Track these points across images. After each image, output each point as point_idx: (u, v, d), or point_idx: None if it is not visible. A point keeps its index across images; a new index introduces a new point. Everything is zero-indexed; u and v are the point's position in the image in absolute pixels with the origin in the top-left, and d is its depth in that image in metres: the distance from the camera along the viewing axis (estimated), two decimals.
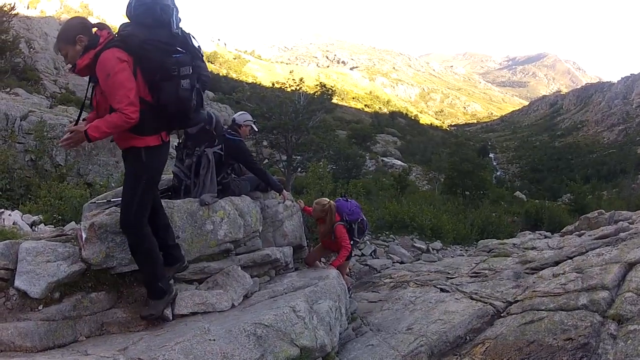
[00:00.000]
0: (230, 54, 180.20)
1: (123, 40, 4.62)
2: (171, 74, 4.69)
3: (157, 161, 5.01)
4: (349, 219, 8.23)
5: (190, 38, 4.94)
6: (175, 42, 4.77)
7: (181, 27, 4.95)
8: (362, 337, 6.65)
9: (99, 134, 4.50)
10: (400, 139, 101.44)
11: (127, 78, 4.51)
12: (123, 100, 4.44)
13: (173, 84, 4.71)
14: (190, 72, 4.81)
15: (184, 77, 4.75)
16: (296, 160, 30.90)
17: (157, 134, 4.91)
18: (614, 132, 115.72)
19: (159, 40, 4.67)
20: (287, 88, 33.67)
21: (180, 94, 4.74)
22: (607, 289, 6.22)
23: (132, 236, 4.93)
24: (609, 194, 54.66)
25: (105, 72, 4.46)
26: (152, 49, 4.63)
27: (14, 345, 4.29)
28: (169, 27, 4.75)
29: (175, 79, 4.71)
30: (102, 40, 4.59)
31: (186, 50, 4.83)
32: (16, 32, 32.73)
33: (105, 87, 4.51)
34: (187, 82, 4.78)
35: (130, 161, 4.97)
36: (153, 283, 5.09)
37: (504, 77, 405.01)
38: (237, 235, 6.56)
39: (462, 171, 33.61)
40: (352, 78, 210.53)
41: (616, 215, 14.08)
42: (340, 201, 8.48)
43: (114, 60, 4.46)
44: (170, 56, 4.68)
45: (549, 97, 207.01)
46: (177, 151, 7.18)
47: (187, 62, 4.79)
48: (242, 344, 4.46)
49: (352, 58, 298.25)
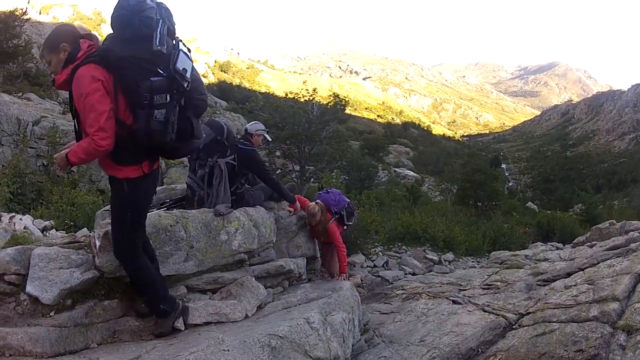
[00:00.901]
0: (243, 63, 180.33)
1: (101, 56, 4.22)
2: (143, 102, 4.22)
3: (142, 194, 4.73)
4: (337, 209, 8.34)
5: (178, 57, 4.38)
6: (156, 60, 4.28)
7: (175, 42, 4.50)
8: (375, 349, 6.65)
9: (77, 159, 4.30)
10: (412, 149, 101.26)
11: (99, 100, 4.12)
12: (93, 124, 4.11)
13: (144, 114, 4.25)
14: (167, 100, 4.28)
15: (158, 106, 4.25)
16: (309, 171, 30.93)
17: (138, 164, 4.54)
18: (625, 141, 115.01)
19: (138, 57, 4.24)
20: (300, 98, 33.76)
21: (151, 126, 4.26)
22: (618, 300, 6.22)
23: (128, 267, 4.85)
24: (619, 203, 54.32)
25: (79, 91, 4.14)
26: (128, 66, 4.21)
27: (24, 350, 4.30)
28: (150, 42, 4.25)
29: (147, 109, 4.24)
30: (81, 54, 4.25)
31: (168, 73, 4.31)
32: (28, 37, 32.80)
33: (79, 107, 4.20)
34: (161, 113, 4.27)
35: (115, 191, 4.71)
36: (156, 306, 5.05)
37: (516, 87, 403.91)
38: (252, 245, 6.59)
39: (474, 182, 33.50)
40: (364, 88, 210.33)
41: (627, 225, 14.04)
42: (322, 195, 8.57)
43: (88, 79, 4.11)
44: (148, 78, 4.20)
45: (561, 107, 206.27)
46: (189, 162, 7.20)
47: (164, 88, 4.26)
48: (257, 355, 4.45)
49: (364, 68, 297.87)
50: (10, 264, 4.74)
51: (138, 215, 4.75)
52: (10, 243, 6.77)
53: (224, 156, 6.89)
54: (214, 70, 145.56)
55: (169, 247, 5.59)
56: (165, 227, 5.60)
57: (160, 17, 4.36)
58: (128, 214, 4.64)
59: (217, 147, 6.84)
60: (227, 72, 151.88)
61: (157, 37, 4.26)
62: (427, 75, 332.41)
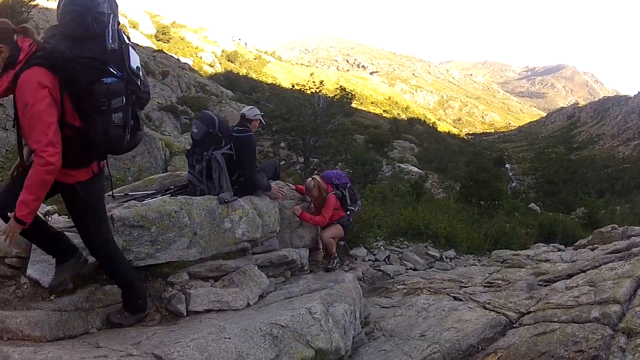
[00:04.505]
0: (250, 53, 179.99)
1: (48, 58, 3.85)
2: (100, 107, 3.96)
3: (96, 192, 4.55)
4: (339, 182, 8.41)
5: (129, 54, 4.17)
6: (109, 59, 4.02)
7: (122, 37, 4.19)
8: (375, 342, 6.64)
9: (29, 209, 3.87)
10: (417, 145, 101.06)
11: (46, 110, 3.77)
12: (41, 139, 3.75)
13: (103, 119, 4.01)
14: (123, 102, 4.10)
15: (115, 110, 4.05)
16: (313, 163, 30.92)
17: (88, 166, 4.32)
18: (630, 147, 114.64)
19: (89, 57, 3.93)
20: (307, 90, 33.75)
21: (110, 132, 4.07)
22: (619, 302, 6.21)
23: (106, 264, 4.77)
24: (622, 209, 54.23)
25: (23, 101, 3.77)
26: (79, 68, 3.89)
27: (22, 334, 4.28)
28: (102, 40, 3.98)
29: (106, 114, 4.01)
30: (23, 56, 3.84)
31: (122, 72, 4.10)
32: (35, 23, 32.75)
33: (23, 119, 3.83)
34: (119, 117, 4.09)
35: (68, 198, 4.45)
36: (133, 299, 4.94)
37: (523, 88, 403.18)
38: (255, 234, 6.62)
39: (478, 181, 33.42)
40: (371, 83, 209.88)
41: (629, 230, 14.01)
42: (325, 172, 8.77)
43: (34, 86, 3.74)
44: (101, 81, 3.92)
45: (567, 109, 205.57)
46: (187, 158, 7.21)
47: (121, 90, 4.06)
48: (258, 344, 4.47)
49: (372, 63, 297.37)
50: (11, 246, 4.65)
51: (99, 212, 4.58)
52: None
53: (220, 147, 6.88)
54: (221, 60, 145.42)
55: (173, 233, 5.61)
56: (169, 213, 5.61)
57: (111, 10, 4.09)
58: (89, 214, 4.47)
59: (211, 140, 6.84)
60: (234, 62, 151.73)
61: (109, 34, 4.02)
62: (435, 72, 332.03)
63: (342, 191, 8.42)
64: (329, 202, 8.12)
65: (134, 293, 4.94)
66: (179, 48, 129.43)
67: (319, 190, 8.09)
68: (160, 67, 63.63)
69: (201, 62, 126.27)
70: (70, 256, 4.68)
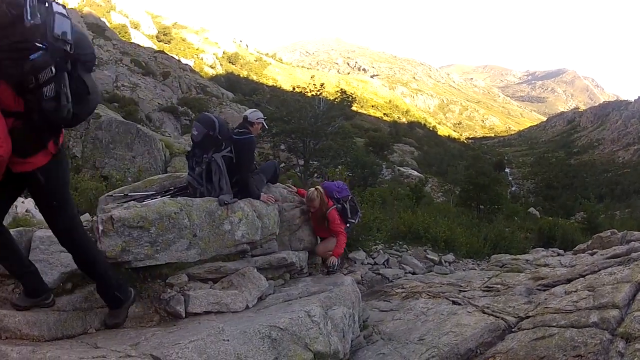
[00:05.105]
0: (251, 55, 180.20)
1: None
2: (28, 86, 3.77)
3: (60, 176, 4.34)
4: (339, 196, 8.33)
5: (54, 22, 3.80)
6: (31, 36, 3.67)
7: (48, 5, 3.83)
8: (373, 346, 6.65)
9: None
10: (417, 149, 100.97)
11: None
12: None
13: (34, 98, 3.83)
14: (53, 73, 3.81)
15: (45, 83, 3.81)
16: (313, 166, 30.95)
17: (44, 148, 4.11)
18: (629, 152, 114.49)
19: (11, 42, 3.64)
20: (307, 93, 33.78)
21: (43, 106, 3.86)
22: (618, 307, 6.22)
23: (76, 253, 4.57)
24: (621, 214, 54.20)
25: None
26: (4, 57, 3.64)
27: (21, 333, 4.26)
28: (20, 21, 3.63)
29: (36, 91, 3.81)
30: None
31: (47, 43, 3.74)
32: None
33: None
34: (50, 89, 3.85)
35: (32, 191, 4.33)
36: (110, 294, 4.82)
37: (523, 92, 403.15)
38: (255, 237, 6.61)
39: (477, 185, 33.39)
40: (372, 86, 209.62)
41: (628, 235, 14.00)
42: (325, 183, 8.66)
43: None
44: (27, 59, 3.64)
45: (567, 114, 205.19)
46: (187, 160, 7.19)
47: (48, 61, 3.75)
48: (257, 346, 4.47)
49: (373, 66, 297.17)
50: None
51: (64, 199, 4.40)
52: (12, 225, 6.79)
53: (220, 150, 6.87)
54: (221, 61, 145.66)
55: (172, 235, 5.59)
56: (169, 214, 5.59)
57: None
58: (53, 204, 4.33)
59: (211, 143, 6.83)
60: (235, 64, 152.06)
61: (27, 12, 3.65)
62: (435, 76, 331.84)
63: (342, 204, 8.40)
64: (332, 217, 8.08)
65: (107, 284, 4.78)
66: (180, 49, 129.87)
67: (320, 202, 8.07)
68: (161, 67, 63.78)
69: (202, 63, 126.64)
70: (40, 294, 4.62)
